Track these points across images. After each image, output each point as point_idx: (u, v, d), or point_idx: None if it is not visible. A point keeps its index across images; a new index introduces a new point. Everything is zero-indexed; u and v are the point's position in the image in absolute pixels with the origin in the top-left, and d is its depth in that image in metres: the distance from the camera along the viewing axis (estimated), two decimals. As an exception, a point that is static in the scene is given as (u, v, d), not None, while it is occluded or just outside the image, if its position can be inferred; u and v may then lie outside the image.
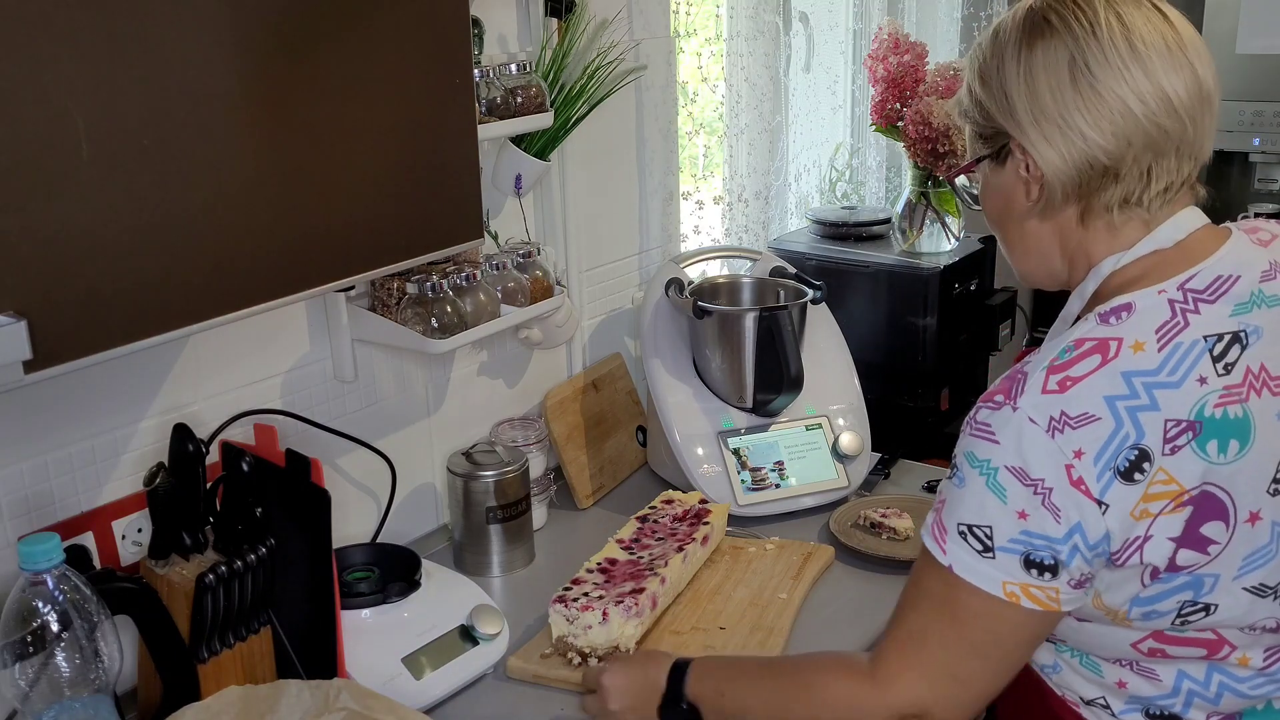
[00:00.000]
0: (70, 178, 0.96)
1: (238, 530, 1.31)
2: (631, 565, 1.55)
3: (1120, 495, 1.00)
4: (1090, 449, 1.00)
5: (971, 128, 1.16)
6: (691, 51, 2.39)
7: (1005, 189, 1.14)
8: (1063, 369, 1.03)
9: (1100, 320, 1.06)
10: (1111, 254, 1.10)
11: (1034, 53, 1.07)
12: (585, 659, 1.43)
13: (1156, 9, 1.07)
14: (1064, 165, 1.07)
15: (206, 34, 1.04)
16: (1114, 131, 1.05)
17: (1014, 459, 1.01)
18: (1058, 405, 1.01)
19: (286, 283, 1.17)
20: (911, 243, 2.40)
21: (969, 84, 1.14)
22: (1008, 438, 1.02)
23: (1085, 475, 1.00)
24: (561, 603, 1.45)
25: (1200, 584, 1.05)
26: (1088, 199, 1.09)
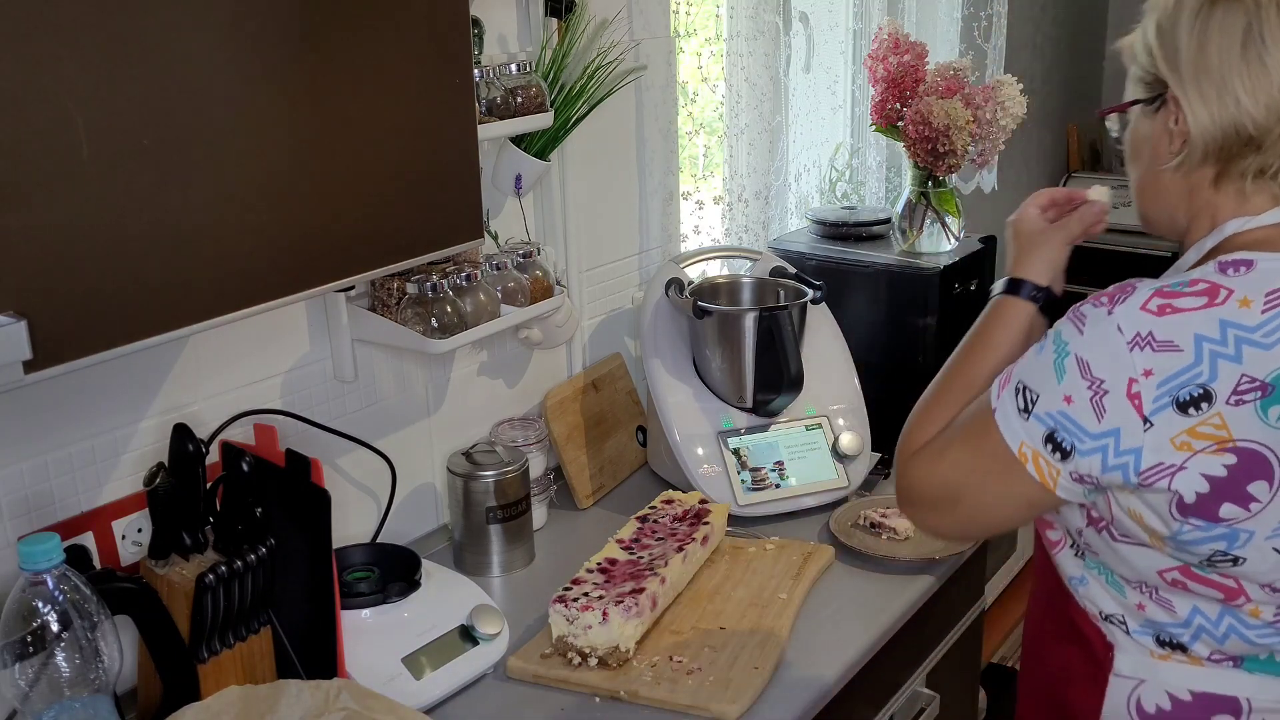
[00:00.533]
0: (70, 178, 0.96)
1: (238, 530, 1.31)
2: (631, 565, 1.55)
3: (1167, 421, 1.06)
4: (1160, 373, 1.05)
5: (1136, 70, 1.19)
6: (691, 51, 2.39)
7: (1152, 136, 1.18)
8: (1169, 296, 1.07)
9: (1219, 269, 1.10)
10: (1238, 217, 1.14)
11: (1215, 11, 1.10)
12: (585, 659, 1.43)
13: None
14: (1211, 126, 1.11)
15: (207, 34, 1.04)
16: (1268, 104, 1.09)
17: (1086, 352, 1.08)
18: (1148, 325, 1.06)
19: (286, 283, 1.17)
20: (911, 243, 2.40)
21: (1144, 28, 1.18)
22: (1091, 333, 1.08)
23: (1144, 392, 1.05)
24: (561, 603, 1.45)
25: (1235, 537, 1.09)
26: (1226, 163, 1.13)
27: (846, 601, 1.62)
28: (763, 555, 1.71)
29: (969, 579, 1.91)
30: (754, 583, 1.63)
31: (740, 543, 1.75)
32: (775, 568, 1.67)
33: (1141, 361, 1.05)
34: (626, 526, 1.67)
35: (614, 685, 1.40)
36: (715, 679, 1.41)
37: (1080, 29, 4.24)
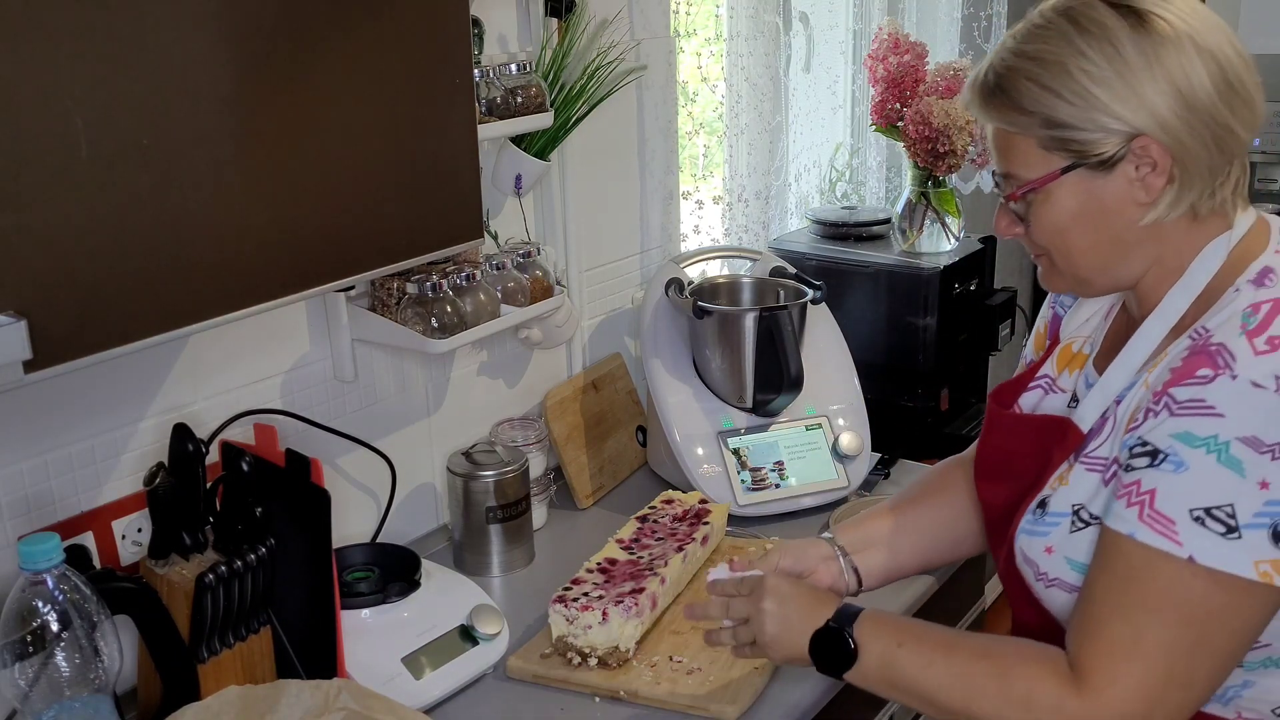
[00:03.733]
0: (70, 178, 0.96)
1: (238, 530, 1.31)
2: (631, 565, 1.55)
3: None
4: None
5: (1054, 135, 1.08)
6: (691, 51, 2.39)
7: (1108, 195, 1.08)
8: (1261, 330, 1.01)
9: (1256, 285, 1.05)
10: (1216, 239, 1.10)
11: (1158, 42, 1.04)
12: (585, 659, 1.43)
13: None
14: (1204, 152, 1.06)
15: (206, 34, 1.04)
16: (1243, 118, 1.07)
17: (1245, 428, 0.98)
18: (1278, 363, 0.99)
19: (286, 283, 1.17)
20: (911, 243, 2.40)
21: (1057, 87, 1.06)
22: (1234, 408, 0.98)
23: None
24: (561, 603, 1.45)
25: None
26: (1208, 193, 1.08)
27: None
28: (763, 555, 1.70)
29: (969, 579, 1.91)
30: None
31: (740, 542, 1.74)
32: None
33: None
34: (626, 526, 1.67)
35: (614, 685, 1.40)
36: (715, 679, 1.40)
37: (1080, 29, 4.23)
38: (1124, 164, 1.07)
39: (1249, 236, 1.11)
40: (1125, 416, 1.09)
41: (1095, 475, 1.11)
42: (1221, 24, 1.08)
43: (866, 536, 1.40)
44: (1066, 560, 1.12)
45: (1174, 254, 1.11)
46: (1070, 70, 1.06)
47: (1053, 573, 1.14)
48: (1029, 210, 1.13)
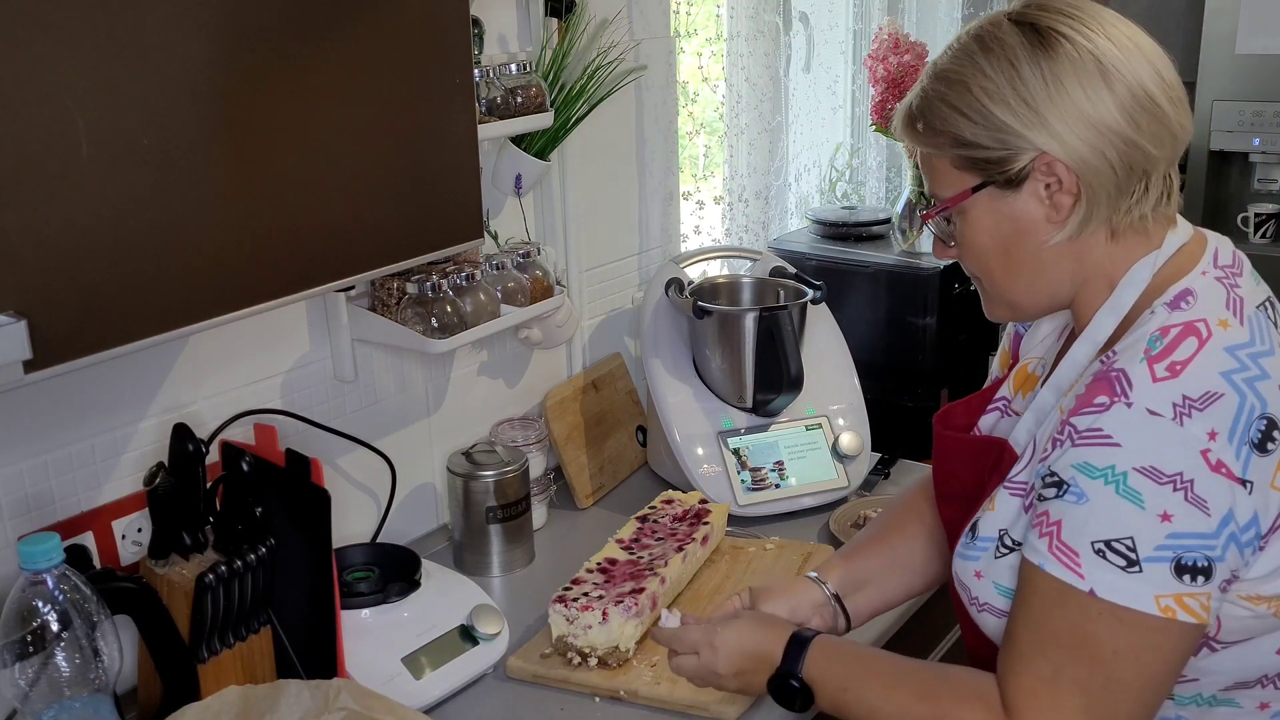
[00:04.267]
0: (70, 178, 0.96)
1: (238, 530, 1.31)
2: (631, 565, 1.55)
3: (1260, 469, 0.97)
4: (1222, 427, 0.96)
5: (962, 154, 1.08)
6: (691, 51, 2.39)
7: (1018, 215, 1.07)
8: (1163, 356, 0.99)
9: (1171, 308, 1.03)
10: (1142, 258, 1.08)
11: (1058, 62, 1.03)
12: (585, 659, 1.43)
13: (1121, 17, 1.08)
14: (1109, 171, 1.04)
15: (207, 34, 1.04)
16: (1153, 136, 1.04)
17: (1142, 458, 0.96)
18: (1176, 390, 0.96)
19: (286, 283, 1.17)
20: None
21: (961, 107, 1.07)
22: (1130, 437, 0.96)
23: (1224, 457, 0.95)
24: (561, 603, 1.45)
25: None
26: (1123, 210, 1.06)
27: (846, 601, 1.62)
28: (763, 555, 1.71)
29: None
30: (754, 583, 1.62)
31: (740, 543, 1.75)
32: (775, 568, 1.67)
33: (1199, 428, 0.95)
34: (626, 526, 1.67)
35: (614, 685, 1.40)
36: None
37: (1080, 29, 4.23)
38: (1031, 182, 1.06)
39: (1179, 256, 1.08)
40: (1043, 442, 1.08)
41: (1017, 500, 1.09)
42: (1141, 43, 1.06)
43: (856, 578, 1.37)
44: (994, 585, 1.11)
45: (1100, 273, 1.09)
46: (972, 89, 1.06)
47: (983, 597, 1.12)
48: (956, 234, 1.13)
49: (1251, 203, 3.30)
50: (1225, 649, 1.05)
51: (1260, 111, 3.15)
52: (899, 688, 1.12)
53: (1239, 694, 1.08)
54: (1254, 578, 1.00)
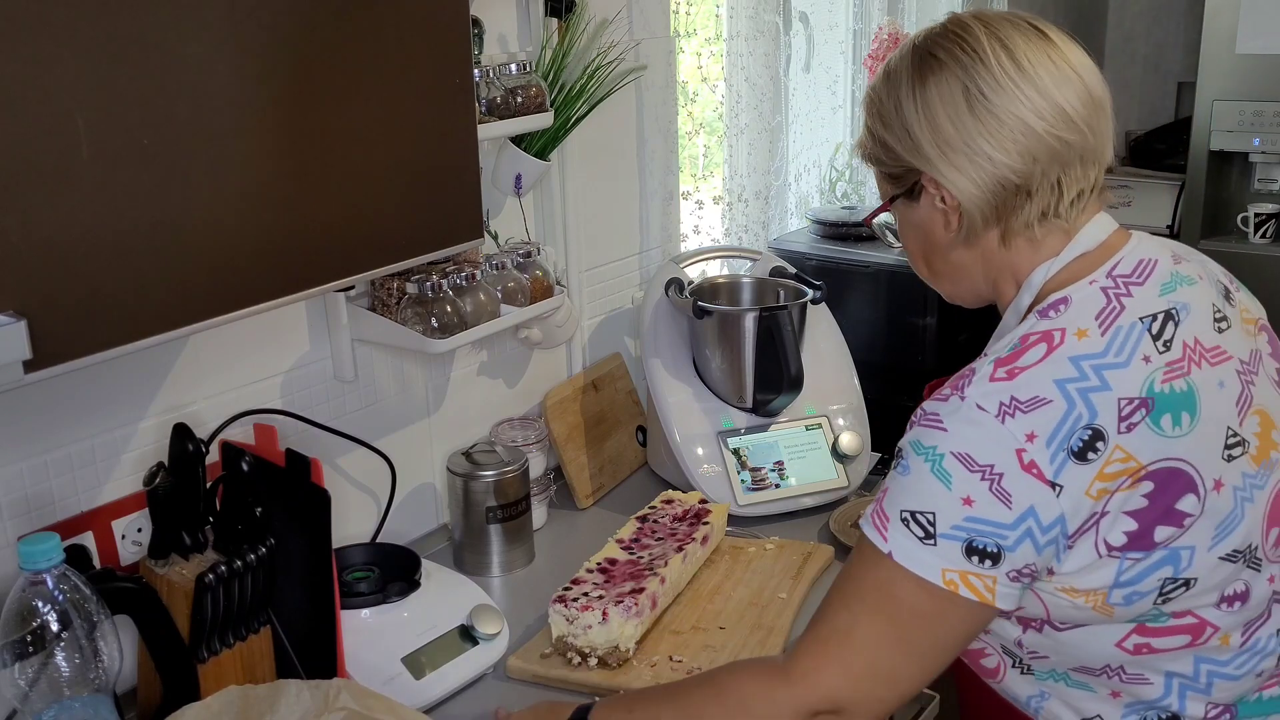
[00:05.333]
0: (70, 178, 0.96)
1: (238, 530, 1.31)
2: (631, 565, 1.55)
3: (1074, 475, 1.02)
4: (1042, 431, 1.01)
5: (879, 169, 1.19)
6: (691, 51, 2.39)
7: (924, 223, 1.17)
8: (1009, 360, 1.06)
9: (1040, 316, 1.10)
10: (1039, 265, 1.14)
11: (927, 88, 1.11)
12: (585, 659, 1.43)
13: (1036, 29, 1.12)
14: (978, 191, 1.11)
15: (207, 34, 1.04)
16: (1019, 151, 1.09)
17: (960, 445, 1.03)
18: (1006, 391, 1.03)
19: (286, 283, 1.17)
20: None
21: (870, 127, 1.18)
22: (955, 425, 1.04)
23: (1037, 458, 1.01)
24: (561, 603, 1.45)
25: (1178, 558, 1.06)
26: (1006, 220, 1.12)
27: (846, 601, 1.62)
28: (763, 555, 1.71)
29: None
30: (754, 583, 1.63)
31: (740, 543, 1.75)
32: (775, 567, 1.67)
33: (1019, 428, 1.01)
34: (626, 526, 1.67)
35: (614, 684, 1.40)
36: None
37: (1079, 28, 4.24)
38: (925, 196, 1.15)
39: (1079, 263, 1.13)
40: None
41: None
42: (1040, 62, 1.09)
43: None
44: None
45: (1007, 273, 1.16)
46: (874, 113, 1.17)
47: None
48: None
49: (1251, 203, 3.30)
50: (1065, 631, 1.11)
51: (1260, 111, 3.15)
52: (677, 690, 1.20)
53: (1089, 679, 1.14)
54: (1067, 573, 1.06)
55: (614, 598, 1.45)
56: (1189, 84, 3.46)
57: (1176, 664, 1.12)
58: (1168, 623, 1.09)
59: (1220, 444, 1.08)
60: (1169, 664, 1.12)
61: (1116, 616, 1.08)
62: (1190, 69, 3.33)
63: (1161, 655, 1.11)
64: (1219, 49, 3.17)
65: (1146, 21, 4.01)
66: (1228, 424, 1.09)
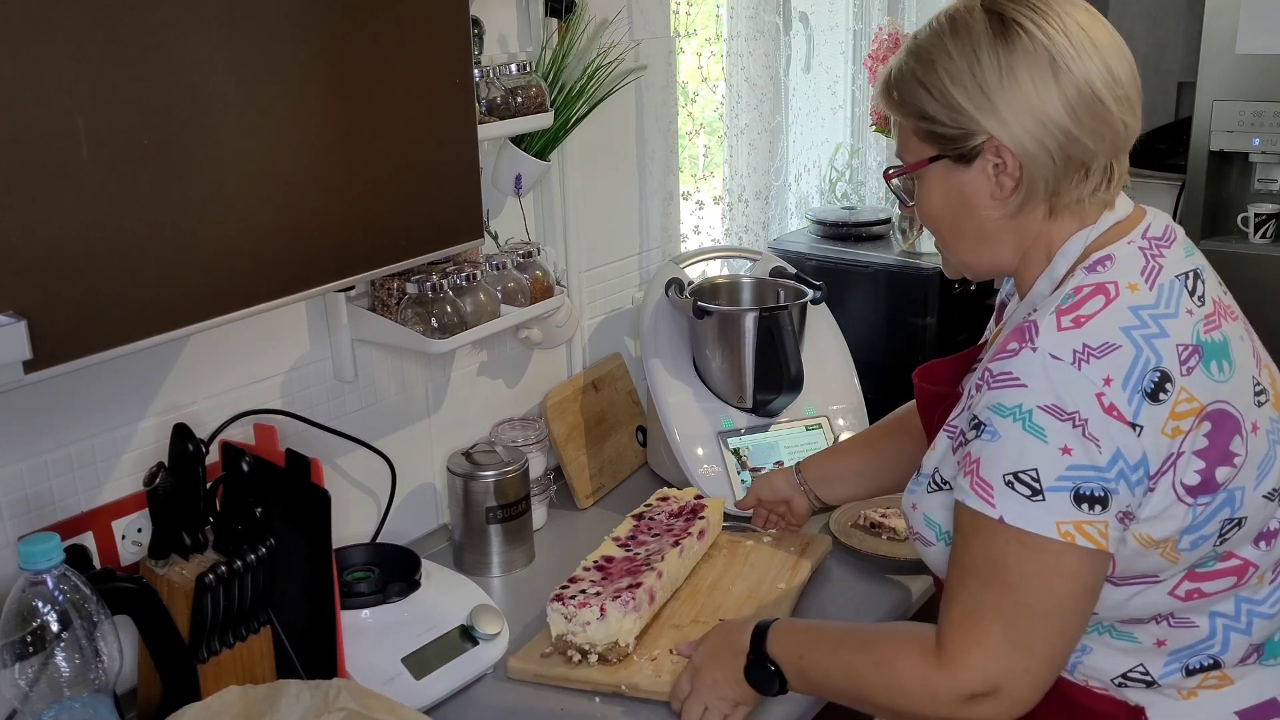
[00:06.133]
0: (70, 178, 0.96)
1: (238, 530, 1.31)
2: (628, 562, 1.55)
3: (1151, 415, 1.05)
4: (1117, 375, 1.04)
5: (923, 126, 1.16)
6: (691, 51, 2.39)
7: (966, 188, 1.16)
8: (1071, 310, 1.08)
9: (1088, 270, 1.12)
10: (1077, 233, 1.16)
11: (1014, 52, 1.11)
12: (585, 656, 1.43)
13: (1089, 9, 1.15)
14: (1050, 162, 1.12)
15: (207, 35, 1.04)
16: (1094, 131, 1.11)
17: (1045, 397, 1.04)
18: (1078, 339, 1.05)
19: (286, 283, 1.17)
20: (911, 243, 2.40)
21: (922, 81, 1.15)
22: (1034, 378, 1.05)
23: (1116, 401, 1.04)
24: (559, 601, 1.45)
25: (1234, 499, 1.10)
26: (1060, 194, 1.14)
27: (846, 602, 1.62)
28: (760, 548, 1.71)
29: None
30: (752, 575, 1.63)
31: (738, 537, 1.75)
32: (773, 560, 1.67)
33: (1095, 373, 1.04)
34: (623, 524, 1.67)
35: (615, 680, 1.40)
36: None
37: (1080, 29, 4.23)
38: (980, 161, 1.14)
39: (1112, 230, 1.17)
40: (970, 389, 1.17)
41: (949, 441, 1.19)
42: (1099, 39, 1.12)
43: (828, 473, 1.65)
44: (925, 518, 1.20)
45: (1040, 245, 1.18)
46: (936, 69, 1.14)
47: (916, 527, 1.23)
48: (916, 196, 1.22)
49: (1251, 203, 3.30)
50: (1122, 586, 1.13)
51: (1260, 111, 3.15)
52: (844, 645, 1.21)
53: (1136, 629, 1.16)
54: (1145, 519, 1.08)
55: (611, 593, 1.45)
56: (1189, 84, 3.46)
57: (1221, 605, 1.16)
58: (1215, 566, 1.13)
59: (1250, 390, 1.13)
60: (1214, 605, 1.16)
61: (1180, 563, 1.11)
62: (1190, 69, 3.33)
63: (1210, 598, 1.15)
64: (1219, 49, 3.16)
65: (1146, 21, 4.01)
66: (1251, 373, 1.15)
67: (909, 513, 1.24)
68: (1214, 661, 1.16)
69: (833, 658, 1.21)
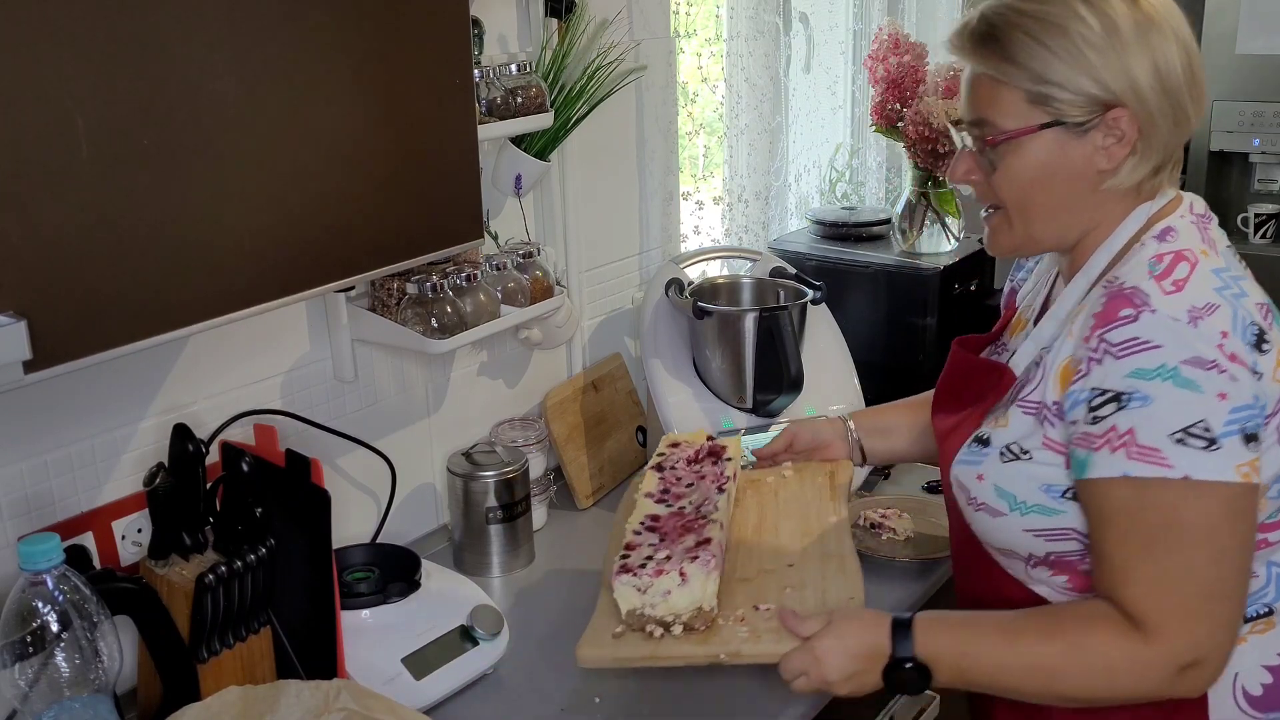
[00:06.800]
0: (70, 178, 0.96)
1: (238, 530, 1.31)
2: (678, 517, 1.40)
3: (1263, 363, 1.09)
4: (1227, 328, 1.08)
5: (1042, 91, 1.14)
6: (691, 51, 2.39)
7: (1074, 156, 1.16)
8: (1165, 276, 1.10)
9: (1159, 240, 1.16)
10: (1140, 207, 1.20)
11: (1146, 20, 1.14)
12: (668, 628, 1.27)
13: None
14: (1172, 140, 1.16)
15: (206, 34, 1.04)
16: (1194, 99, 1.17)
17: (1185, 351, 1.06)
18: (1186, 300, 1.08)
19: (286, 283, 1.17)
20: (911, 243, 2.40)
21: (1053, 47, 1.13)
22: (1166, 337, 1.06)
23: (1236, 350, 1.07)
24: (628, 572, 1.27)
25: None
26: (1160, 167, 1.18)
27: (846, 602, 1.62)
28: (784, 483, 1.58)
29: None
30: (794, 512, 1.50)
31: (756, 475, 1.62)
32: (806, 492, 1.55)
33: (1211, 328, 1.07)
34: (647, 479, 1.51)
35: (710, 650, 1.24)
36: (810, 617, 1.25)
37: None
38: (1096, 131, 1.15)
39: (1166, 206, 1.21)
40: (1055, 365, 1.16)
41: (1029, 417, 1.19)
42: (1183, 16, 1.17)
43: (879, 425, 1.61)
44: (996, 488, 1.21)
45: (1109, 220, 1.20)
46: (1069, 32, 1.13)
47: (981, 497, 1.22)
48: (997, 160, 1.19)
49: (1251, 203, 3.30)
50: None
51: (1260, 111, 3.15)
52: (1019, 635, 1.16)
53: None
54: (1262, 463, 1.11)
55: (684, 554, 1.29)
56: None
57: (1278, 554, 1.19)
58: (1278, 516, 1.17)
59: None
60: (1273, 555, 1.18)
61: (1265, 511, 1.14)
62: (1190, 69, 3.33)
63: (1272, 548, 1.18)
64: (1219, 49, 3.17)
65: (1146, 22, 4.00)
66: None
67: (972, 483, 1.23)
68: (1268, 610, 1.18)
69: (1009, 650, 1.15)
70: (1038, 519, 1.19)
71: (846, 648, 1.19)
